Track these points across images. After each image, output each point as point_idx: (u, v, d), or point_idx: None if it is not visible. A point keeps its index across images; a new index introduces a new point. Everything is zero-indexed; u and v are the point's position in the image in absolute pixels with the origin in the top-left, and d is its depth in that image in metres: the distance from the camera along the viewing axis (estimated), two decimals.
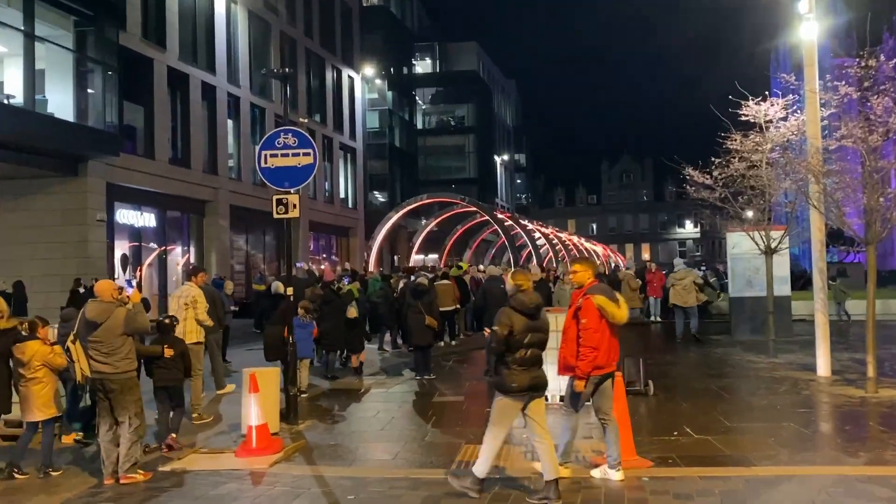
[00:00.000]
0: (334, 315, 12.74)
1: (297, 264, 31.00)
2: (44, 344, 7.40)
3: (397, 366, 13.94)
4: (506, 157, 73.99)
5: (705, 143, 16.36)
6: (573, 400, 6.75)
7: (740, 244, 16.26)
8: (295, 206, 9.18)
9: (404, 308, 13.56)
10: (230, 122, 29.25)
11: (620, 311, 6.59)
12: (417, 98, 58.36)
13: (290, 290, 9.46)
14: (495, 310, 6.87)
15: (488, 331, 9.79)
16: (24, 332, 7.45)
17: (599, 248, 55.92)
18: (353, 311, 13.38)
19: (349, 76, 40.69)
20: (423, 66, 63.29)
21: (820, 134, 11.71)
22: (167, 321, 8.32)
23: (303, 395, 11.26)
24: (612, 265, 42.14)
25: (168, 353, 8.03)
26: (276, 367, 9.74)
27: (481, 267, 24.37)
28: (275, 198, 9.18)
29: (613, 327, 6.63)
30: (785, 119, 14.10)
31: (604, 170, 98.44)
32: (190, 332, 9.72)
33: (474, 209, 29.59)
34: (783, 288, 16.65)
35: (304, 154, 9.21)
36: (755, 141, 13.78)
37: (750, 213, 14.89)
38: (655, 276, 21.39)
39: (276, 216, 9.18)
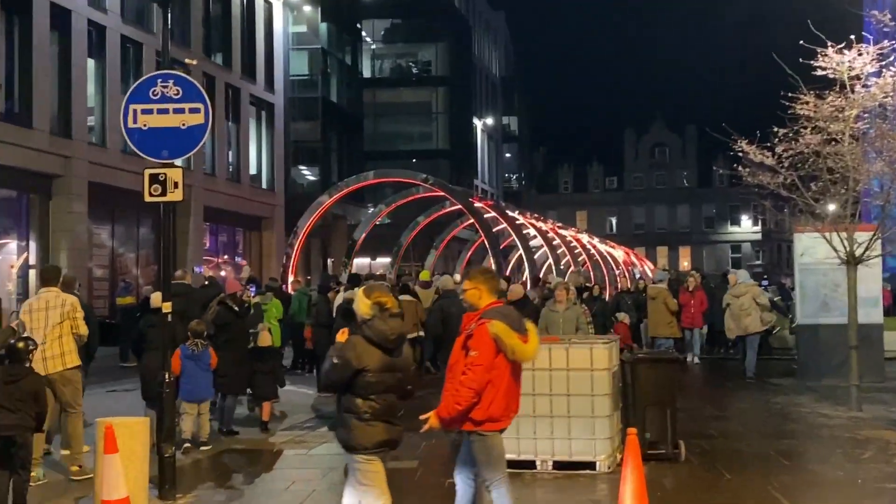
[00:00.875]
0: (234, 344, 12.67)
1: (197, 269, 30.87)
2: None
3: (328, 416, 13.89)
4: (490, 122, 74.30)
5: (766, 107, 16.53)
6: (487, 467, 6.91)
7: (813, 250, 16.44)
8: (177, 185, 9.12)
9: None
10: (91, 63, 28.95)
11: (526, 346, 6.85)
12: (364, 34, 58.33)
13: (167, 306, 9.37)
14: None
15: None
16: None
17: (619, 253, 56.29)
18: (266, 338, 13.33)
19: (266, 0, 40.54)
20: None
21: None
22: (21, 345, 8.43)
23: (203, 450, 11.39)
24: (638, 277, 42.41)
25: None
26: (149, 415, 9.67)
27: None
28: (148, 173, 9.13)
29: (516, 367, 6.89)
30: (878, 74, 14.29)
31: (628, 142, 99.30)
32: (69, 352, 10.10)
33: (442, 194, 29.64)
34: (872, 313, 16.85)
35: (192, 110, 9.16)
36: (835, 105, 13.95)
37: (830, 204, 15.08)
38: (693, 298, 20.91)
39: (149, 199, 9.13)
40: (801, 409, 14.56)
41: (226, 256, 38.13)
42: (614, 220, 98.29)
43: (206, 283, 17.41)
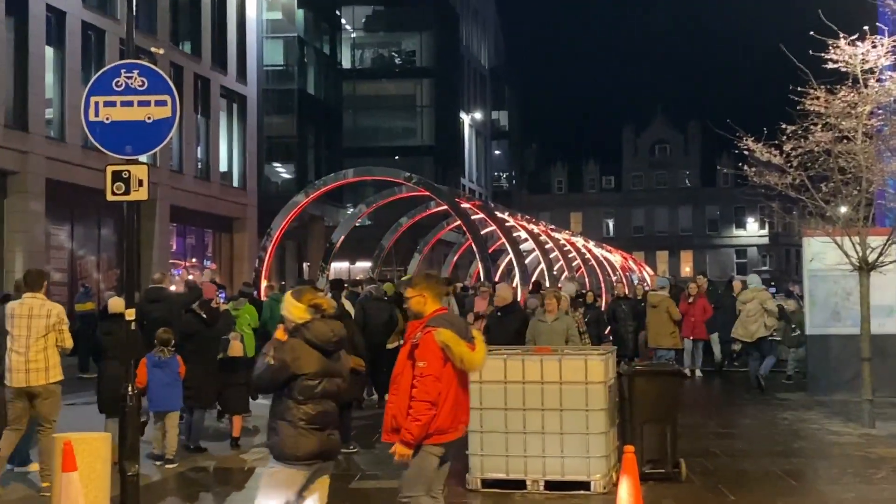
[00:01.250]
0: (202, 354, 12.66)
1: (174, 272, 30.74)
2: None
3: None
4: (479, 116, 74.39)
5: (774, 102, 16.61)
6: (411, 481, 7.05)
7: (823, 255, 16.49)
8: (142, 182, 9.11)
9: None
10: (50, 51, 28.88)
11: (474, 355, 7.04)
12: (344, 22, 58.34)
13: (130, 313, 9.35)
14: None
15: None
16: None
17: (617, 257, 56.43)
18: (237, 348, 13.32)
19: None
20: None
21: None
22: None
23: (169, 467, 11.48)
24: (636, 282, 42.51)
25: None
26: (110, 430, 9.64)
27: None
28: (111, 170, 9.09)
29: (464, 376, 7.09)
30: (894, 68, 14.37)
31: (626, 139, 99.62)
32: (53, 366, 10.33)
33: (427, 194, 29.64)
34: (887, 322, 16.91)
35: (158, 103, 9.14)
36: (847, 100, 14.02)
37: (841, 206, 15.15)
38: (694, 307, 21.06)
39: (111, 198, 9.10)
40: (811, 425, 14.63)
41: (194, 259, 38.04)
42: (611, 223, 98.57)
43: (188, 288, 17.46)
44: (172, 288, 18.45)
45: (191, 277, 27.44)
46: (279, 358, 6.46)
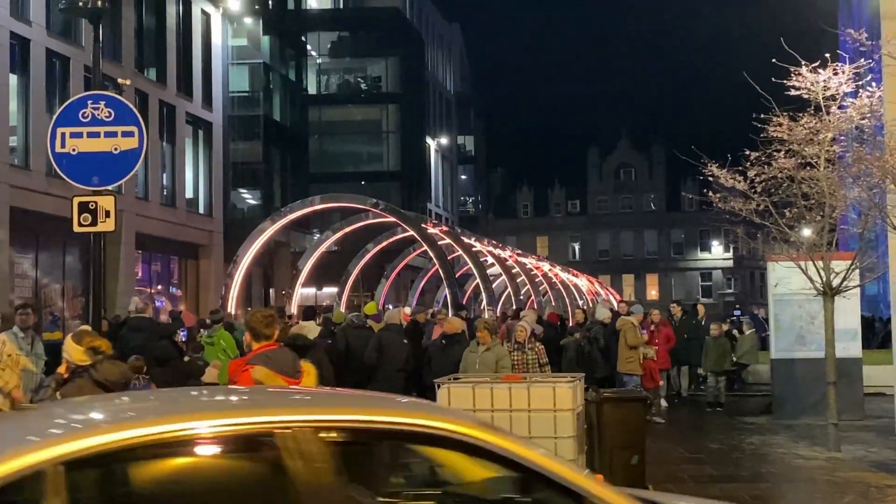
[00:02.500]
0: (175, 381, 12.56)
1: (157, 303, 30.49)
2: None
3: None
4: (444, 141, 74.59)
5: (737, 127, 16.76)
6: None
7: (787, 280, 16.59)
8: (109, 213, 9.10)
9: None
10: (14, 79, 28.73)
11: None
12: (310, 47, 58.41)
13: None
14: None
15: None
16: None
17: (583, 281, 56.62)
18: (211, 375, 13.22)
19: (203, 11, 40.48)
20: None
21: None
22: None
23: None
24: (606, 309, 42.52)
25: None
26: None
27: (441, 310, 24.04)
28: (77, 201, 9.08)
29: None
30: (855, 95, 14.53)
31: (592, 163, 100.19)
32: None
33: (394, 220, 29.68)
34: (851, 346, 17.06)
35: (125, 134, 9.16)
36: (809, 127, 14.16)
37: (805, 231, 15.26)
38: (658, 335, 20.60)
39: (78, 229, 9.07)
40: (777, 449, 14.68)
41: (159, 287, 37.81)
42: (577, 246, 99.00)
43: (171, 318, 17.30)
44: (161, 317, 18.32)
45: (169, 308, 27.29)
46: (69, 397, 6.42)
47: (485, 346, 13.15)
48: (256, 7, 45.88)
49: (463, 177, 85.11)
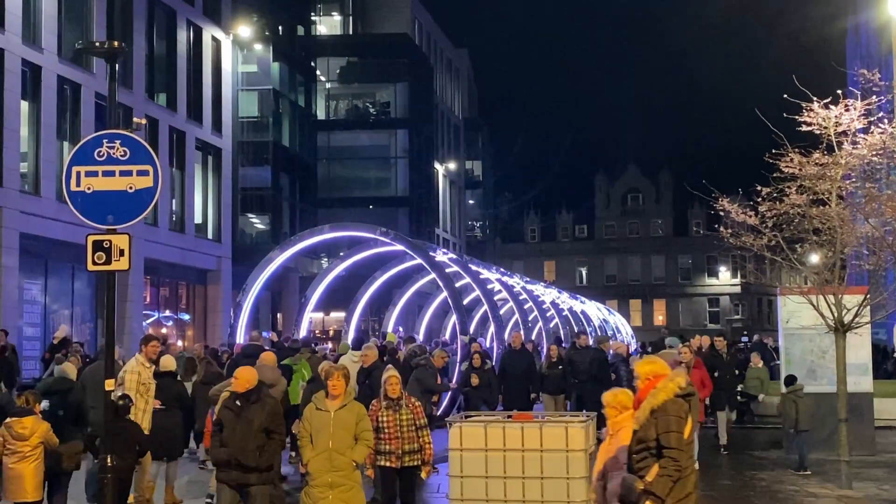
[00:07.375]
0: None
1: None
2: (39, 420, 10.05)
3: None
4: (452, 167, 74.65)
5: (746, 158, 16.77)
6: None
7: (799, 314, 16.52)
8: (123, 252, 9.10)
9: None
10: (25, 105, 28.82)
11: None
12: (319, 73, 58.60)
13: (110, 384, 9.28)
14: None
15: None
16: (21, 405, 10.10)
17: (592, 308, 56.50)
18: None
19: (213, 38, 40.62)
20: (328, 24, 63.65)
21: None
22: (122, 402, 10.30)
23: None
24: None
25: None
26: None
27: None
28: (91, 239, 9.08)
29: None
30: (866, 131, 14.52)
31: (599, 188, 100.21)
32: None
33: (401, 248, 29.61)
34: (861, 381, 17.01)
35: (140, 173, 9.18)
36: (821, 163, 14.15)
37: (814, 258, 15.22)
38: (691, 378, 20.79)
39: (92, 268, 9.08)
40: (788, 486, 14.62)
41: (167, 312, 37.82)
42: (584, 271, 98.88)
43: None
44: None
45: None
46: None
47: (339, 403, 9.43)
48: (266, 33, 46.09)
49: (471, 201, 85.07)
